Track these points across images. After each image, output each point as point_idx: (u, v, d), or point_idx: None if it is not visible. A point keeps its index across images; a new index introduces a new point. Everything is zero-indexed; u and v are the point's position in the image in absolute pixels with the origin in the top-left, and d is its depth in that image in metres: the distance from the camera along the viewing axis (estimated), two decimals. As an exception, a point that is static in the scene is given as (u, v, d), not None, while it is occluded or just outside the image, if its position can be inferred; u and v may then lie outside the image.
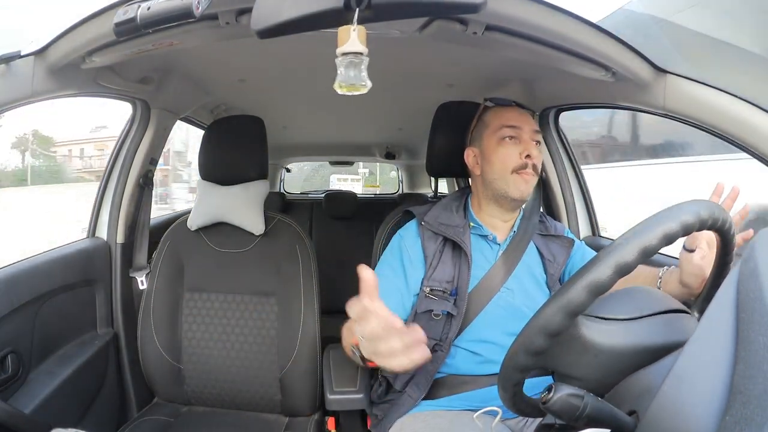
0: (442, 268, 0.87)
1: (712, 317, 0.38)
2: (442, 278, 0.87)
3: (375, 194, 4.10)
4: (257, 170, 1.19)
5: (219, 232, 1.19)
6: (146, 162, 1.24)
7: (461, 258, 0.88)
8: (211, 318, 1.15)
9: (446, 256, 0.88)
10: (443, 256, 0.88)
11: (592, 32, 0.71)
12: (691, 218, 0.42)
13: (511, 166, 0.87)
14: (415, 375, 0.87)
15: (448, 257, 0.88)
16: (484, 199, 0.94)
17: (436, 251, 0.89)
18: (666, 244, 0.41)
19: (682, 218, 0.42)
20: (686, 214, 0.42)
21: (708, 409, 0.34)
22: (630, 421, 0.39)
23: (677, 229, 0.41)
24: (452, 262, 0.88)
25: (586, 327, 0.43)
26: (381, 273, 0.89)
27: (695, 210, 0.43)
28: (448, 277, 0.87)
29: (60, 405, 0.94)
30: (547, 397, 0.38)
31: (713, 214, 0.44)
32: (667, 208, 0.43)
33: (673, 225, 0.41)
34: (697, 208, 0.43)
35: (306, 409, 1.14)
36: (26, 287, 0.92)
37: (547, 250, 0.94)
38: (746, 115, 0.72)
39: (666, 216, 0.42)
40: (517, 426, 0.80)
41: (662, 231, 0.41)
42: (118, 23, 0.61)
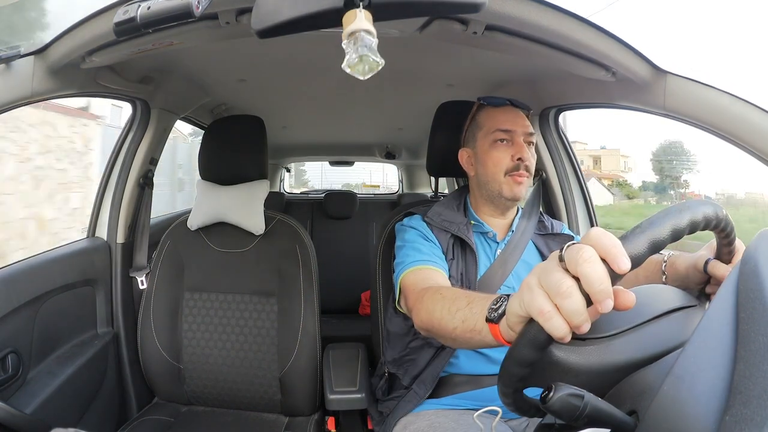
0: (455, 265, 0.88)
1: (712, 317, 0.38)
2: (456, 276, 0.87)
3: (375, 194, 4.10)
4: (257, 170, 1.19)
5: (219, 232, 1.19)
6: (146, 162, 1.24)
7: (467, 255, 0.88)
8: (211, 318, 1.15)
9: (456, 253, 0.89)
10: (454, 253, 0.89)
11: (593, 32, 0.71)
12: (698, 216, 0.42)
13: (504, 169, 0.88)
14: (423, 372, 0.87)
15: (458, 254, 0.89)
16: (480, 199, 0.95)
17: (448, 247, 0.89)
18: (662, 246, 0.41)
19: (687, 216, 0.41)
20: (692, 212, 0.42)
21: (708, 408, 0.34)
22: (630, 421, 0.39)
23: (683, 226, 0.40)
24: (461, 259, 0.88)
25: (561, 350, 0.42)
26: (418, 240, 0.87)
27: (701, 209, 0.43)
28: (459, 274, 0.87)
29: (60, 405, 0.94)
30: (547, 396, 0.38)
31: (717, 215, 0.44)
32: (666, 209, 0.43)
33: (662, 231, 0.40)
34: (703, 207, 0.43)
35: (306, 408, 1.14)
36: (26, 287, 0.92)
37: (548, 249, 0.94)
38: (746, 115, 0.72)
39: (661, 218, 0.42)
40: (518, 426, 0.80)
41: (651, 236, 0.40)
42: (118, 23, 0.61)
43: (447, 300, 0.63)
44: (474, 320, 0.55)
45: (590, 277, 0.35)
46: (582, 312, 0.36)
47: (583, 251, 0.35)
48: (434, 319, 0.64)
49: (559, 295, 0.36)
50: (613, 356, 0.43)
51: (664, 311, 0.47)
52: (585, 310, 0.36)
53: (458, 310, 0.59)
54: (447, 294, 0.65)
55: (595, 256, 0.35)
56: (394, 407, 0.89)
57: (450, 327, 0.60)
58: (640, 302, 0.48)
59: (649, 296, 0.50)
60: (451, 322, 0.60)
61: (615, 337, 0.44)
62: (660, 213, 0.41)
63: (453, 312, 0.60)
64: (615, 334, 0.44)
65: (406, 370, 0.90)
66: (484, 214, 0.94)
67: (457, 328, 0.58)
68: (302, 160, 3.44)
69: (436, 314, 0.64)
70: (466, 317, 0.57)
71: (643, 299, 0.49)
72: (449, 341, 0.64)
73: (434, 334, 0.67)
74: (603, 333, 0.43)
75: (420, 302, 0.70)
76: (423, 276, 0.79)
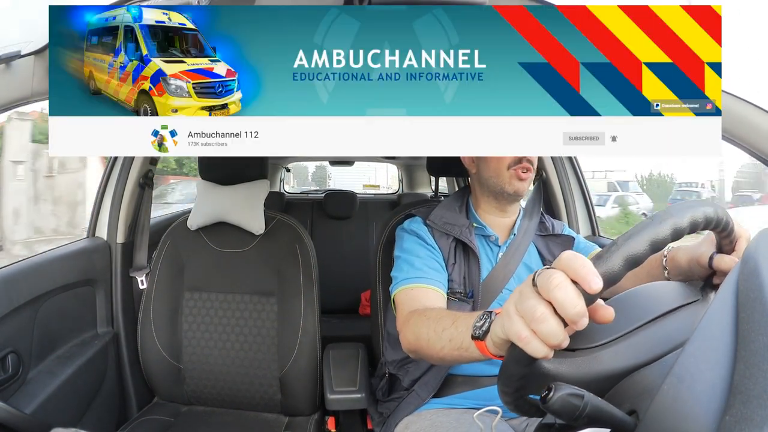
0: (457, 269, 0.87)
1: (712, 317, 0.38)
2: (458, 280, 0.87)
3: (375, 194, 4.10)
4: (257, 170, 1.19)
5: (219, 231, 1.19)
6: (146, 162, 1.24)
7: (470, 258, 0.88)
8: (211, 318, 1.15)
9: (458, 257, 0.88)
10: (456, 257, 0.88)
11: None
12: (700, 216, 0.42)
13: (507, 163, 0.87)
14: (425, 374, 0.87)
15: (460, 258, 0.88)
16: (481, 197, 0.94)
17: (450, 251, 0.88)
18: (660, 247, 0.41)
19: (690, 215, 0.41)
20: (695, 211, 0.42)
21: (708, 408, 0.34)
22: (630, 421, 0.39)
23: (685, 225, 0.40)
24: (463, 262, 0.88)
25: (551, 363, 0.42)
26: (416, 249, 0.87)
27: (703, 210, 0.43)
28: (462, 278, 0.87)
29: (60, 405, 0.94)
30: (547, 396, 0.38)
31: (706, 216, 0.44)
32: (667, 208, 0.43)
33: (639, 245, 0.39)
34: (705, 207, 0.43)
35: (306, 408, 1.14)
36: (26, 287, 0.92)
37: (548, 251, 0.94)
38: (747, 116, 0.72)
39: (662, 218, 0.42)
40: (519, 426, 0.80)
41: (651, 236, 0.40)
42: (118, 23, 0.61)
43: (432, 321, 0.65)
44: (461, 339, 0.57)
45: (562, 302, 0.36)
46: (558, 334, 0.37)
47: (553, 277, 0.37)
48: (421, 341, 0.66)
49: (534, 321, 0.38)
50: (603, 366, 0.43)
51: (658, 314, 0.46)
52: (561, 331, 0.37)
53: (444, 329, 0.61)
54: (432, 315, 0.67)
55: (565, 281, 0.37)
56: (394, 408, 0.89)
57: (437, 347, 0.62)
58: (634, 306, 0.48)
59: (644, 299, 0.49)
60: (438, 342, 0.62)
61: (605, 347, 0.44)
62: (638, 226, 0.41)
63: (439, 332, 0.62)
64: (605, 343, 0.44)
65: (407, 372, 0.90)
66: (486, 214, 0.94)
67: (444, 348, 0.61)
68: (302, 160, 3.44)
69: (422, 336, 0.66)
70: (453, 336, 0.59)
71: (638, 302, 0.49)
72: (437, 360, 0.67)
73: (422, 355, 0.70)
74: (592, 343, 0.44)
75: (406, 326, 0.73)
76: (412, 296, 0.80)
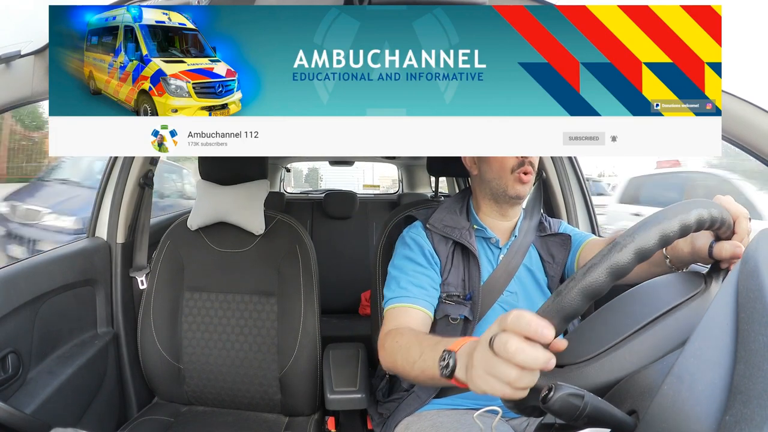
0: (455, 272, 0.87)
1: (712, 317, 0.38)
2: (456, 283, 0.87)
3: (375, 194, 4.10)
4: (257, 170, 1.19)
5: (219, 231, 1.19)
6: (146, 162, 1.24)
7: (470, 261, 0.87)
8: (211, 318, 1.15)
9: (457, 260, 0.88)
10: (454, 260, 0.88)
11: None
12: (705, 215, 0.42)
13: (510, 167, 0.87)
14: None
15: (459, 261, 0.88)
16: (482, 199, 0.93)
17: (448, 255, 0.88)
18: (663, 244, 0.41)
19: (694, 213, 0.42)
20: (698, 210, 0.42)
21: (708, 408, 0.34)
22: (630, 421, 0.40)
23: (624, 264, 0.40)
24: (462, 265, 0.88)
25: (543, 378, 0.42)
26: (406, 266, 0.87)
27: (705, 209, 0.43)
28: (461, 281, 0.87)
29: (60, 405, 0.94)
30: (547, 396, 0.38)
31: (721, 215, 0.44)
32: (669, 207, 0.43)
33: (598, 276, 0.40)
34: (706, 207, 0.43)
35: (306, 408, 1.14)
36: (26, 287, 0.92)
37: (546, 252, 0.94)
38: (747, 116, 0.72)
39: (666, 214, 0.42)
40: (519, 426, 0.80)
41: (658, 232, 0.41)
42: (118, 23, 0.61)
43: (403, 350, 0.69)
44: (431, 371, 0.60)
45: (527, 363, 0.39)
46: (534, 380, 0.41)
47: (508, 345, 0.40)
48: (397, 367, 0.71)
49: (510, 383, 0.41)
50: (592, 378, 0.44)
51: (649, 320, 0.46)
52: (536, 377, 0.41)
53: (414, 362, 0.65)
54: (402, 343, 0.71)
55: (521, 344, 0.39)
56: (394, 409, 0.89)
57: (411, 376, 0.67)
58: (625, 313, 0.48)
59: (639, 303, 0.50)
60: (411, 372, 0.66)
61: (592, 360, 0.45)
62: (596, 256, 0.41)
63: (411, 363, 0.65)
64: (594, 356, 0.46)
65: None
66: (486, 216, 0.93)
67: (418, 377, 0.65)
68: (302, 160, 3.43)
69: (398, 363, 0.70)
70: (423, 369, 0.63)
71: (631, 308, 0.49)
72: (415, 383, 0.71)
73: (403, 378, 0.74)
74: (580, 358, 0.46)
75: (382, 348, 0.76)
76: (395, 315, 0.82)
